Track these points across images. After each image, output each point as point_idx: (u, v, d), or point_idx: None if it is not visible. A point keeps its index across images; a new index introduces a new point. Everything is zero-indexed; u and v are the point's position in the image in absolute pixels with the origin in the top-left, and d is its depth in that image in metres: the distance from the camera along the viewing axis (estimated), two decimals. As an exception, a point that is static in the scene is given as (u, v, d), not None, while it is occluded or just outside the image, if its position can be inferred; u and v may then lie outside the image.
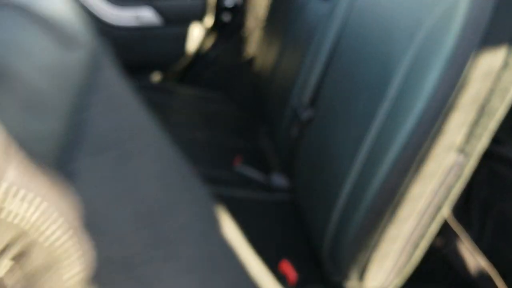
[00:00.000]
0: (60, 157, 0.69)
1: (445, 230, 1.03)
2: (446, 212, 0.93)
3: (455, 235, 0.99)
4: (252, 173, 1.42)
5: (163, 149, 0.95)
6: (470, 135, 0.82)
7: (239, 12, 1.84)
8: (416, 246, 0.94)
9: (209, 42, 1.91)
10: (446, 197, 0.88)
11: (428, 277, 1.22)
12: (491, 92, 0.79)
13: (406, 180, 0.86)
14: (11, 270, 0.52)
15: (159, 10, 1.73)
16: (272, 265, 1.14)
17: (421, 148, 0.84)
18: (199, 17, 1.76)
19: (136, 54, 1.83)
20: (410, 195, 0.88)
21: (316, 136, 1.17)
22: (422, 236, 0.93)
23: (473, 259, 1.02)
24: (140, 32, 1.74)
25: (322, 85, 1.20)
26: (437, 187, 0.87)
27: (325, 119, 1.15)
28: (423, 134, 0.83)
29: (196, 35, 1.81)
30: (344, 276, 0.98)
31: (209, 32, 1.87)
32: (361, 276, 0.97)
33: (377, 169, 0.89)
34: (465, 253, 0.98)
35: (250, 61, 1.86)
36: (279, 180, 1.44)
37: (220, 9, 1.84)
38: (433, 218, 0.91)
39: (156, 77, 1.90)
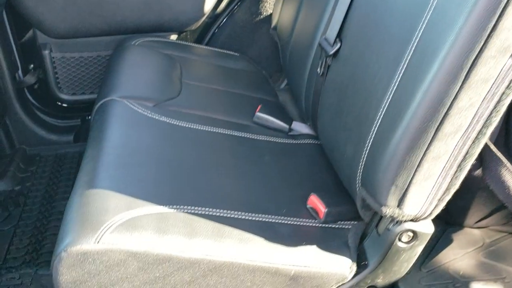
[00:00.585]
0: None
1: (485, 156, 0.96)
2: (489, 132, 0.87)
3: (496, 160, 0.93)
4: (273, 121, 1.37)
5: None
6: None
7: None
8: (460, 167, 0.88)
9: (225, 1, 1.86)
10: (496, 109, 0.82)
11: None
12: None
13: (453, 89, 0.81)
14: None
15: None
16: (301, 200, 1.08)
17: (471, 51, 0.78)
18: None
19: (153, 15, 1.79)
20: (458, 107, 0.82)
21: (343, 67, 1.12)
22: (467, 156, 0.87)
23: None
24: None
25: (349, 18, 1.15)
26: (489, 95, 0.81)
27: (354, 48, 1.10)
28: (473, 35, 0.77)
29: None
30: (382, 204, 0.92)
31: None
32: (400, 202, 0.91)
33: (420, 81, 0.84)
34: (508, 178, 0.92)
35: (267, 18, 1.81)
36: (300, 127, 1.39)
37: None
38: (480, 133, 0.85)
39: (173, 37, 1.86)
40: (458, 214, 1.18)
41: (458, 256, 1.13)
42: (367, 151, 0.96)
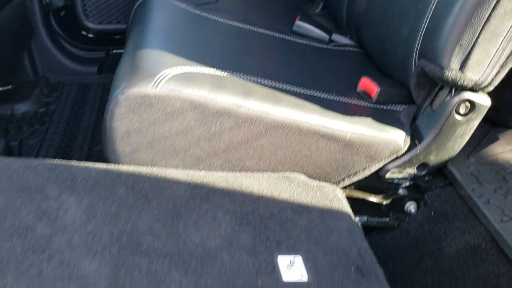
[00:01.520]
0: None
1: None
2: None
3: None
4: (313, 30, 1.35)
5: None
6: None
7: None
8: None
9: None
10: None
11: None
12: None
13: None
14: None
15: None
16: (350, 87, 1.07)
17: None
18: None
19: None
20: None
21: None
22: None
23: None
24: None
25: None
26: None
27: None
28: None
29: None
30: (444, 66, 0.90)
31: None
32: (463, 64, 0.90)
33: None
34: None
35: None
36: (341, 38, 1.37)
37: None
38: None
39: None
40: (505, 113, 1.17)
41: (506, 150, 1.11)
42: (429, 18, 0.94)
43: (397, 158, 0.98)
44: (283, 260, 0.73)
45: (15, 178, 0.79)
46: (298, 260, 0.74)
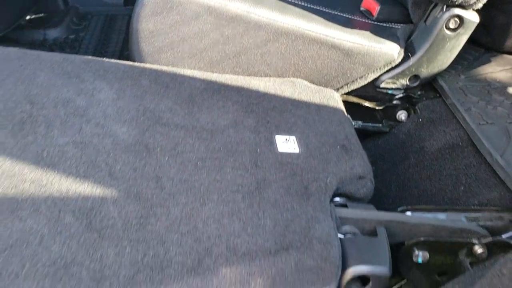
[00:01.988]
0: None
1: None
2: None
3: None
4: None
5: None
6: None
7: None
8: None
9: None
10: None
11: None
12: None
13: None
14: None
15: None
16: (355, 5, 1.16)
17: None
18: None
19: None
20: None
21: None
22: None
23: None
24: None
25: None
26: None
27: None
28: None
29: None
30: None
31: None
32: None
33: None
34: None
35: None
36: None
37: None
38: None
39: None
40: (498, 37, 1.26)
41: (496, 70, 1.21)
42: None
43: (391, 69, 1.10)
44: (279, 138, 0.87)
45: (56, 67, 0.94)
46: (292, 138, 0.87)
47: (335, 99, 1.03)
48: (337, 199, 0.82)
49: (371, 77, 1.10)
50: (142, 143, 0.78)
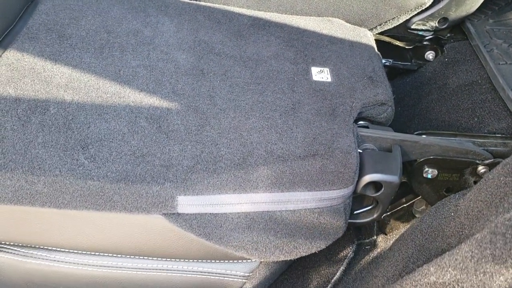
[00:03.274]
0: None
1: None
2: None
3: None
4: None
5: None
6: None
7: None
8: None
9: None
10: None
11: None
12: None
13: None
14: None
15: None
16: None
17: None
18: None
19: None
20: None
21: None
22: None
23: None
24: None
25: None
26: None
27: None
28: None
29: None
30: None
31: None
32: None
33: None
34: None
35: None
36: None
37: None
38: None
39: None
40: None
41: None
42: None
43: (422, 11, 1.20)
44: (315, 69, 1.01)
45: (125, 2, 1.09)
46: (326, 70, 1.01)
47: (367, 37, 1.15)
48: (360, 122, 0.96)
49: (402, 18, 1.21)
50: (198, 68, 0.94)
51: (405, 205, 1.06)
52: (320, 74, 1.00)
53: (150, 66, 0.92)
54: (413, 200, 1.06)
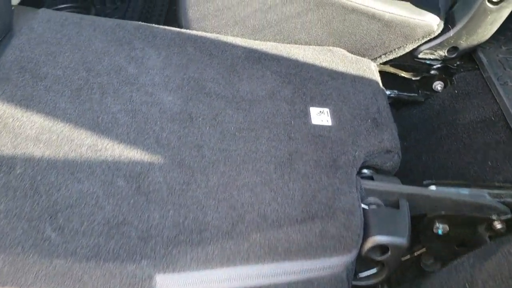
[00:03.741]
0: None
1: None
2: None
3: None
4: None
5: None
6: None
7: None
8: None
9: None
10: None
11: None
12: None
13: None
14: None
15: None
16: None
17: None
18: None
19: None
20: None
21: None
22: None
23: None
24: None
25: None
26: None
27: None
28: None
29: None
30: None
31: None
32: None
33: None
34: None
35: None
36: None
37: None
38: None
39: None
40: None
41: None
42: None
43: (430, 40, 1.11)
44: (314, 110, 0.92)
45: (109, 32, 1.01)
46: (326, 111, 0.92)
47: (371, 70, 1.06)
48: (364, 171, 0.87)
49: (409, 47, 1.12)
50: (186, 112, 0.86)
51: (413, 255, 0.98)
52: (320, 116, 0.91)
53: (133, 111, 0.84)
54: (421, 251, 0.97)
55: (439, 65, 1.18)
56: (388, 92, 1.16)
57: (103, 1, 1.82)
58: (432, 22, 1.08)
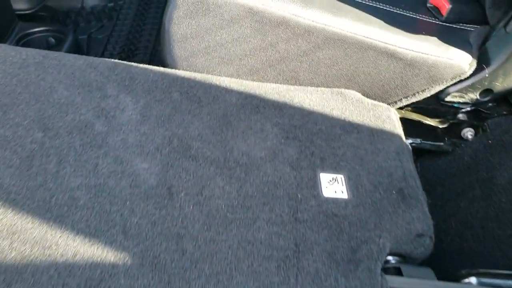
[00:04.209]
0: None
1: None
2: None
3: None
4: None
5: None
6: None
7: None
8: None
9: None
10: None
11: None
12: None
13: None
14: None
15: None
16: (422, 1, 0.99)
17: None
18: None
19: None
20: None
21: None
22: None
23: None
24: None
25: None
26: None
27: None
28: None
29: None
30: None
31: None
32: None
33: None
34: None
35: None
36: None
37: None
38: None
39: None
40: None
41: None
42: None
43: (460, 81, 0.94)
44: (325, 177, 0.75)
45: (77, 75, 0.83)
46: (340, 178, 0.75)
47: (392, 120, 0.89)
48: (389, 258, 0.70)
49: (435, 90, 0.95)
50: (165, 185, 0.68)
51: None
52: (333, 186, 0.73)
53: (96, 187, 0.66)
54: None
55: (468, 108, 1.01)
56: (409, 141, 0.98)
57: (87, 19, 1.65)
58: (463, 61, 0.91)
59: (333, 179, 0.74)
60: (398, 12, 0.96)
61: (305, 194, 0.71)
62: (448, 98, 0.97)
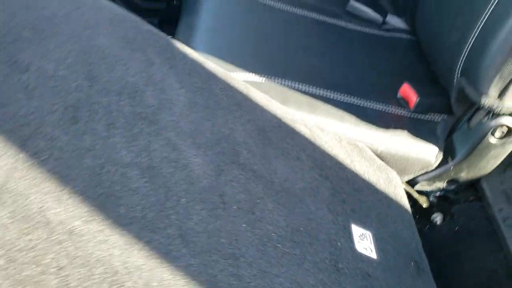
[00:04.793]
0: None
1: None
2: None
3: None
4: (367, 11, 1.27)
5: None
6: None
7: None
8: None
9: None
10: None
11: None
12: None
13: None
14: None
15: None
16: (391, 89, 1.03)
17: None
18: None
19: None
20: None
21: None
22: None
23: None
24: None
25: None
26: None
27: None
28: None
29: None
30: (482, 92, 0.88)
31: None
32: (502, 93, 0.87)
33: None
34: None
35: None
36: (395, 21, 1.29)
37: None
38: None
39: None
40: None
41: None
42: (475, 36, 0.89)
43: (427, 172, 0.98)
44: (356, 231, 0.72)
45: (116, 28, 0.71)
46: (368, 235, 0.73)
47: (401, 189, 0.90)
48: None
49: (403, 180, 0.99)
50: (218, 190, 0.60)
51: None
52: (363, 242, 0.71)
53: (150, 171, 0.55)
54: None
55: (437, 194, 1.06)
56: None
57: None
58: (429, 154, 0.95)
59: (362, 234, 0.72)
60: (369, 106, 0.98)
61: (343, 244, 0.67)
62: (417, 187, 1.02)
